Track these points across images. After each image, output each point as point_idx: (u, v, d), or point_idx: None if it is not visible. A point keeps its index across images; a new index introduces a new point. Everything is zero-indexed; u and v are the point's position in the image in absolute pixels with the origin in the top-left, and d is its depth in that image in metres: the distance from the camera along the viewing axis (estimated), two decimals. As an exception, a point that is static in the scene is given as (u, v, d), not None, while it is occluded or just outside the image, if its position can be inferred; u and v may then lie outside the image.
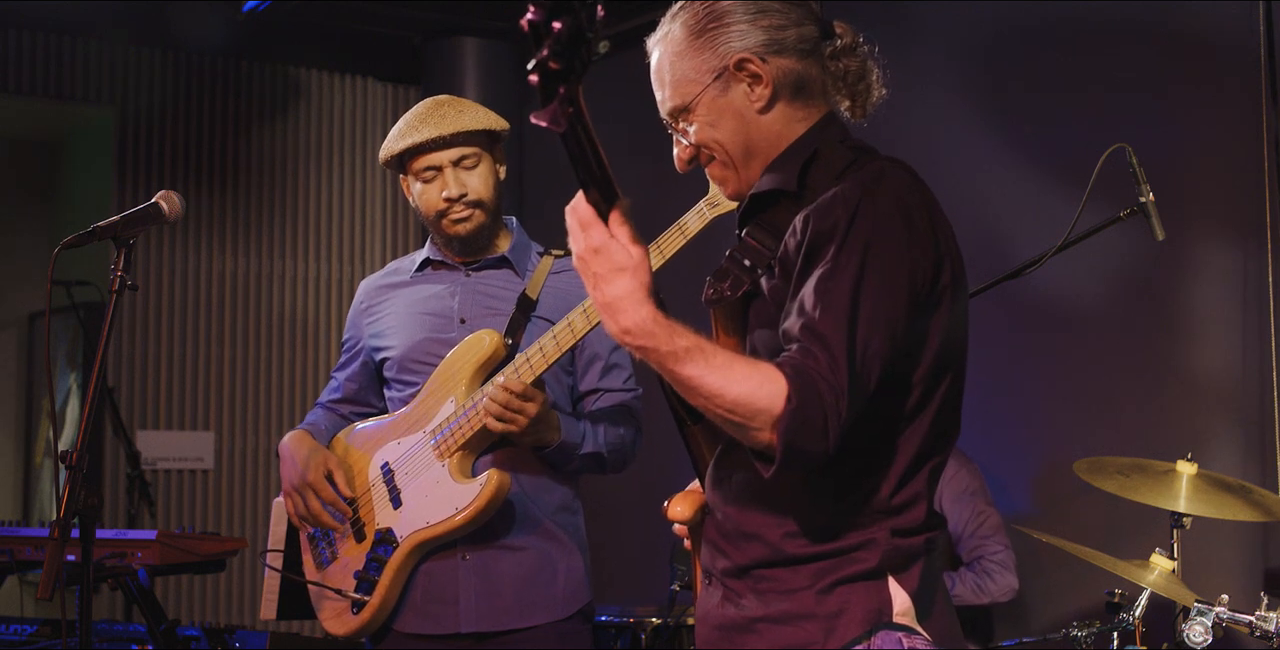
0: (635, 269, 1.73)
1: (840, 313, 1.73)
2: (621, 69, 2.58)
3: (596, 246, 1.74)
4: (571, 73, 1.57)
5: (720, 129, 1.96)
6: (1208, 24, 4.07)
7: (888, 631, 1.82)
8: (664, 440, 2.45)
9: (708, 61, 1.94)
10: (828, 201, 1.81)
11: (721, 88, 1.94)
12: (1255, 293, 3.88)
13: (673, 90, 1.97)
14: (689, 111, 1.96)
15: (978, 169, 4.57)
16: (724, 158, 1.98)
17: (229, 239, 6.46)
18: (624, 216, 1.74)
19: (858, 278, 1.75)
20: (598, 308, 1.76)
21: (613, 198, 1.73)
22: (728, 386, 1.71)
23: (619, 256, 1.73)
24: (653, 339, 1.72)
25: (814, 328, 1.73)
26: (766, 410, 1.69)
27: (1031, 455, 4.48)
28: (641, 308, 1.72)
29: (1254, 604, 2.88)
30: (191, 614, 6.22)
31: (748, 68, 1.93)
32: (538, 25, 1.55)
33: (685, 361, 1.72)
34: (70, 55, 6.16)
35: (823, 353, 1.71)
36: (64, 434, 6.57)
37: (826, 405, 1.69)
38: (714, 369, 1.72)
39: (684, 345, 1.72)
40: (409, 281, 3.11)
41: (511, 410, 2.75)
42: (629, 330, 1.73)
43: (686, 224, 2.67)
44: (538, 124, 1.59)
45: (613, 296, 1.73)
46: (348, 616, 2.95)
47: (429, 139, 2.92)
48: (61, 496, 2.38)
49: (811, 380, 1.70)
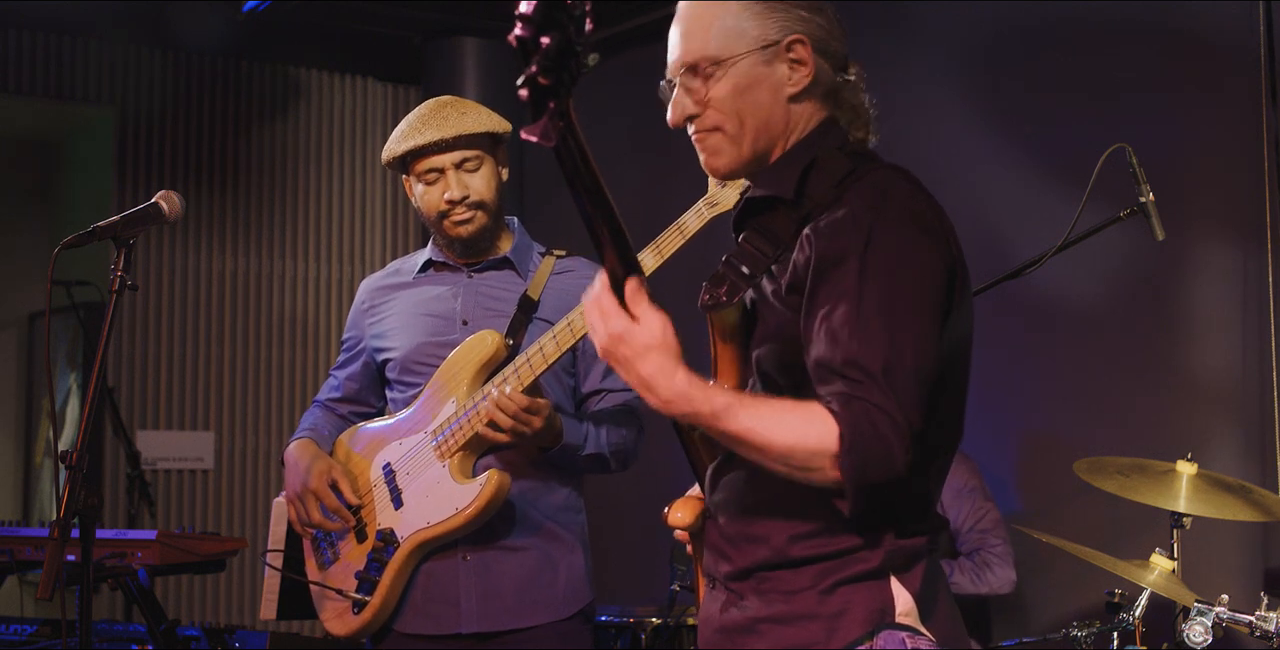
0: (661, 345, 1.74)
1: (879, 338, 1.73)
2: (621, 69, 2.59)
3: (619, 334, 1.75)
4: (561, 87, 1.56)
5: (747, 98, 1.91)
6: (1208, 24, 4.07)
7: (890, 631, 1.82)
8: (665, 440, 2.45)
9: (766, 27, 1.91)
10: (837, 222, 1.80)
11: (766, 59, 1.91)
12: (1255, 293, 3.88)
13: (714, 38, 1.91)
14: (720, 66, 1.91)
15: (978, 169, 4.57)
16: (734, 129, 1.93)
17: (229, 239, 6.46)
18: (640, 285, 1.76)
19: (890, 300, 1.75)
20: (634, 387, 1.77)
21: (630, 265, 1.74)
22: (775, 435, 1.73)
23: (643, 337, 1.74)
24: (692, 404, 1.74)
25: (856, 360, 1.72)
26: (821, 451, 1.70)
27: (1031, 455, 4.48)
28: (675, 378, 1.74)
29: (1254, 604, 2.88)
30: (191, 614, 6.22)
31: (797, 50, 1.91)
32: (526, 41, 1.55)
33: (728, 419, 1.74)
34: (70, 55, 6.16)
35: (871, 383, 1.71)
36: (64, 434, 6.57)
37: (884, 432, 1.69)
38: (759, 419, 1.74)
39: (723, 403, 1.74)
40: (411, 283, 3.11)
41: (519, 422, 2.76)
42: (669, 401, 1.75)
43: (685, 224, 2.67)
44: (529, 139, 1.59)
45: (646, 375, 1.75)
46: (349, 617, 2.95)
47: (431, 141, 2.92)
48: (61, 496, 2.38)
49: (864, 412, 1.70)
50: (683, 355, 1.76)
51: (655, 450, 3.08)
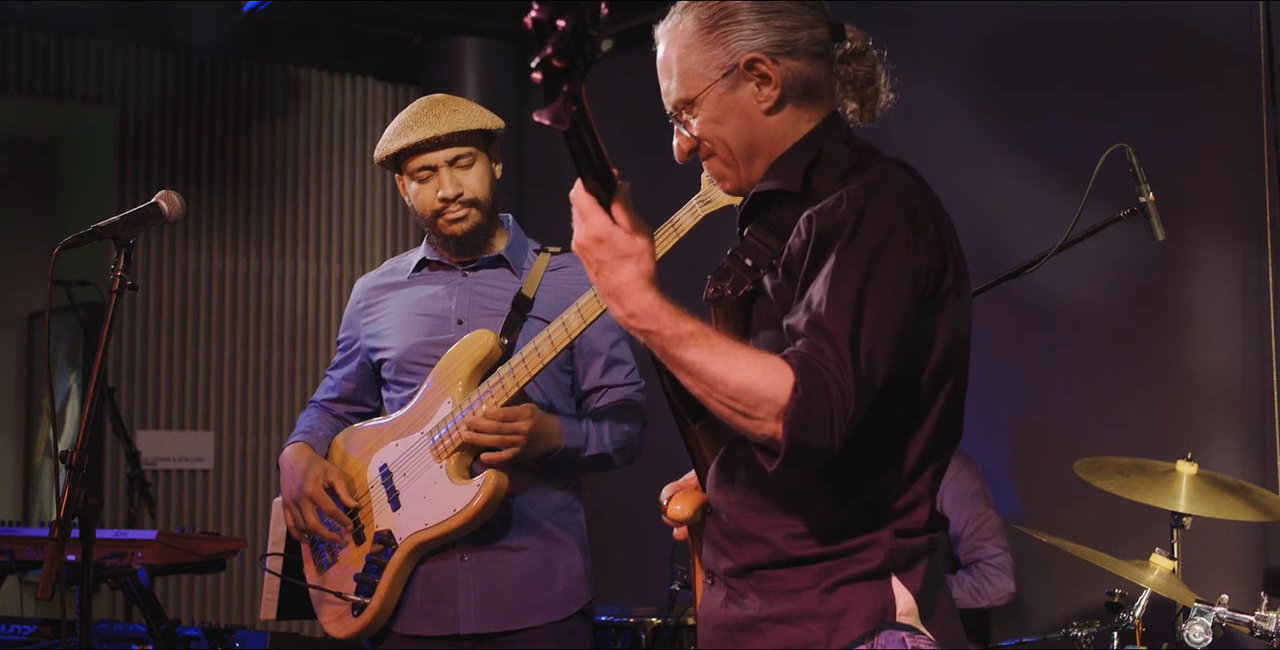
0: (639, 256, 1.73)
1: (847, 311, 1.73)
2: (621, 68, 2.59)
3: (598, 234, 1.74)
4: (575, 71, 1.57)
5: (725, 126, 1.95)
6: (1208, 24, 4.07)
7: (891, 631, 1.82)
8: (665, 439, 2.45)
9: (718, 57, 1.93)
10: (833, 202, 1.81)
11: (729, 85, 1.93)
12: (1255, 293, 3.88)
13: (680, 82, 1.96)
14: (694, 105, 1.95)
15: (978, 169, 4.57)
16: (725, 155, 1.97)
17: (229, 239, 6.46)
18: (625, 203, 1.74)
19: (864, 278, 1.75)
20: (601, 294, 1.76)
21: (612, 186, 1.73)
22: (731, 374, 1.71)
23: (621, 243, 1.73)
24: (657, 322, 1.73)
25: (821, 325, 1.73)
26: (771, 400, 1.69)
27: (1032, 455, 4.48)
28: (646, 293, 1.73)
29: (1254, 604, 2.88)
30: (191, 614, 6.22)
31: (758, 68, 1.92)
32: (542, 23, 1.55)
33: (689, 346, 1.72)
34: (70, 55, 6.15)
35: (829, 349, 1.71)
36: (64, 434, 6.56)
37: (833, 401, 1.68)
38: (718, 356, 1.72)
39: (688, 329, 1.73)
40: (406, 282, 3.10)
41: (505, 434, 2.75)
42: (634, 314, 1.74)
43: (679, 221, 2.67)
44: (541, 122, 1.59)
45: (617, 283, 1.74)
46: (348, 619, 2.95)
47: (424, 139, 2.92)
48: (61, 496, 2.38)
49: (818, 374, 1.69)
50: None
51: (656, 450, 3.08)
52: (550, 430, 2.84)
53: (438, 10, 5.95)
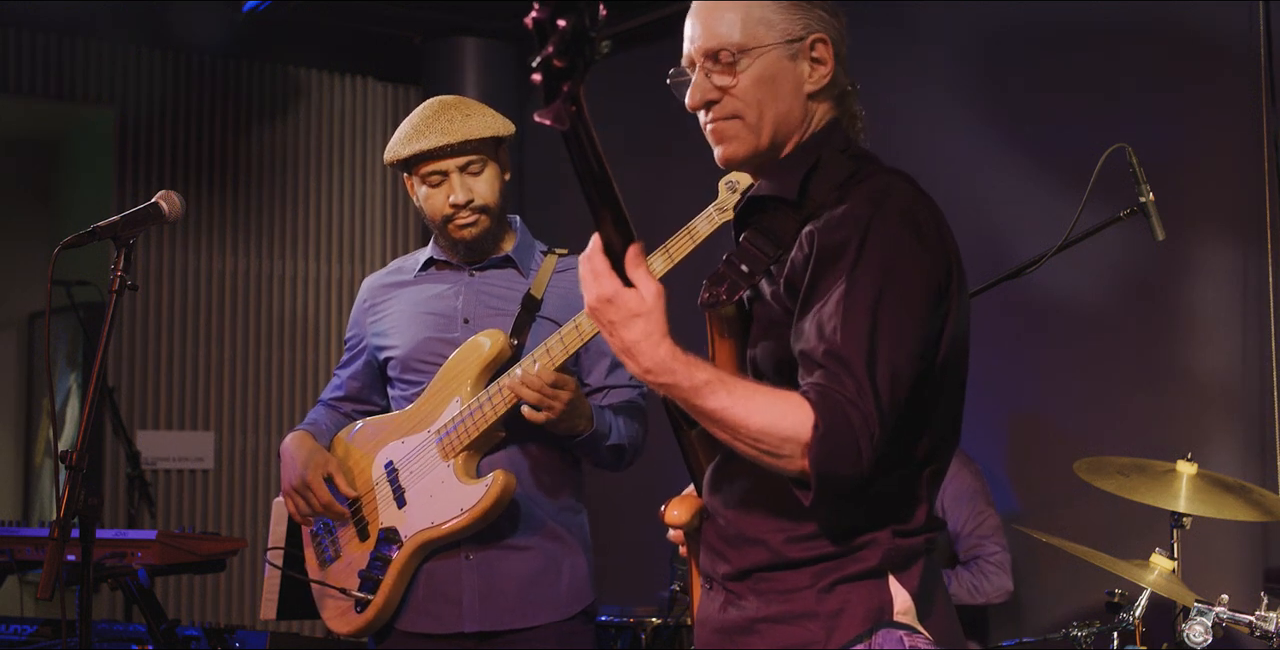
0: (648, 313, 1.73)
1: (862, 335, 1.74)
2: (621, 69, 2.58)
3: (607, 296, 1.74)
4: (575, 71, 1.57)
5: (770, 89, 1.93)
6: (1208, 24, 4.07)
7: (889, 630, 1.83)
8: (664, 440, 2.45)
9: (793, 23, 1.93)
10: (836, 218, 1.81)
11: (791, 53, 1.93)
12: (1255, 293, 3.88)
13: (740, 27, 1.92)
14: (745, 54, 1.92)
15: (978, 169, 4.57)
16: (754, 118, 1.94)
17: (229, 239, 6.46)
18: (639, 255, 1.74)
19: (877, 298, 1.76)
20: (617, 353, 1.77)
21: (629, 235, 1.73)
22: (751, 416, 1.72)
23: (631, 303, 1.73)
24: (673, 375, 1.74)
25: (837, 352, 1.73)
26: (793, 438, 1.71)
27: (1032, 455, 4.48)
28: (659, 347, 1.74)
29: (1254, 604, 2.88)
30: (191, 614, 6.22)
31: (820, 50, 1.94)
32: (543, 23, 1.55)
33: (707, 395, 1.74)
34: (70, 55, 6.16)
35: (848, 377, 1.72)
36: (64, 434, 6.56)
37: (856, 429, 1.70)
38: (737, 400, 1.73)
39: (704, 379, 1.74)
40: (413, 281, 3.10)
41: (546, 397, 2.74)
42: (649, 370, 1.75)
43: (695, 228, 2.67)
44: (541, 122, 1.59)
45: (630, 341, 1.74)
46: (351, 615, 2.95)
47: (436, 147, 2.91)
48: (61, 496, 2.38)
49: (839, 405, 1.70)
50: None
51: (655, 450, 3.08)
52: (584, 412, 2.83)
53: (438, 10, 5.95)
